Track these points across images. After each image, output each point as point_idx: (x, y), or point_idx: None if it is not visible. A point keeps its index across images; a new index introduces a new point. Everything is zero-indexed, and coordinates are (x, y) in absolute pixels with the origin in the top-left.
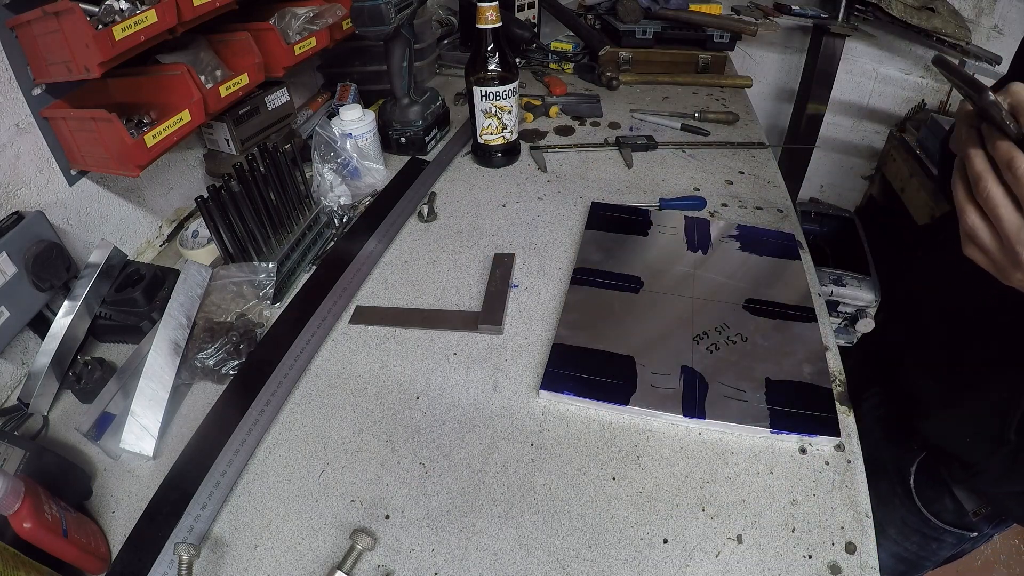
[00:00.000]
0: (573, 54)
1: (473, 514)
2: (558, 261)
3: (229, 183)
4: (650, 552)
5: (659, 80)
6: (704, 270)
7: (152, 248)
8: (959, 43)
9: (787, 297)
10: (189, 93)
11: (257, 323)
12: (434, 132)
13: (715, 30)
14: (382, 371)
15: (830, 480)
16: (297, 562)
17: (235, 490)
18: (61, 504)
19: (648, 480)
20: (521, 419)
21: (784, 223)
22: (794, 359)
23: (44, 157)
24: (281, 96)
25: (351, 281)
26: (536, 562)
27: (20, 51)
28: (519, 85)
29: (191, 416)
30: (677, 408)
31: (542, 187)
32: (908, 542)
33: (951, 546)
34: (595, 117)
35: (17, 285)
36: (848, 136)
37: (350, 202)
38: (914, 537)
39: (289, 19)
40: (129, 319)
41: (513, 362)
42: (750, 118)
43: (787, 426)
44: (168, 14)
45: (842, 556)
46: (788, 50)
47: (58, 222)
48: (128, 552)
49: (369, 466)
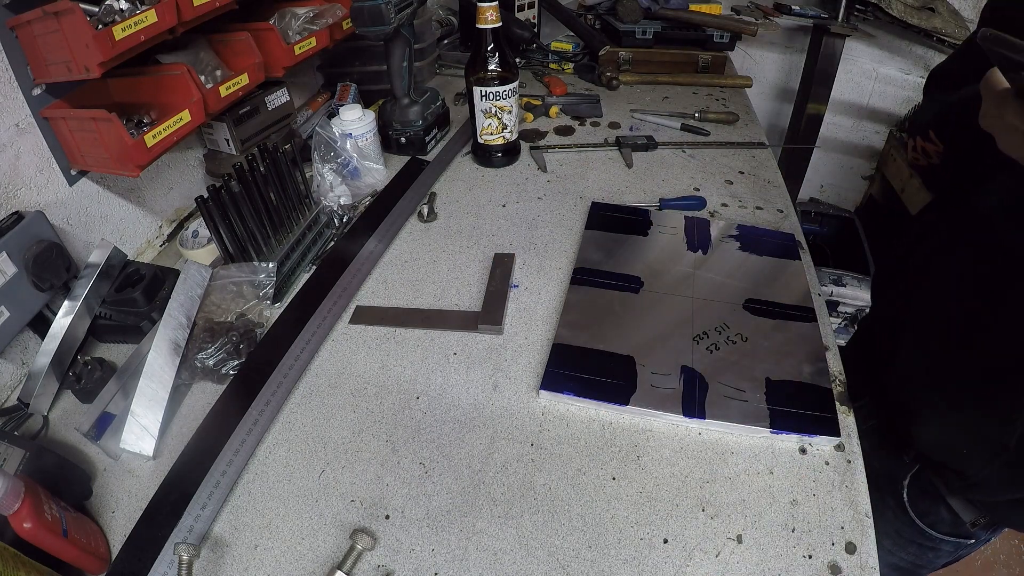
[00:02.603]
0: (573, 54)
1: (473, 514)
2: (558, 261)
3: (229, 183)
4: (650, 552)
5: (659, 80)
6: (704, 270)
7: (152, 248)
8: (959, 43)
9: (787, 297)
10: (189, 93)
11: (257, 323)
12: (434, 132)
13: (715, 30)
14: (382, 371)
15: (830, 480)
16: (297, 562)
17: (235, 490)
18: (61, 504)
19: (648, 480)
20: (521, 419)
21: (784, 223)
22: (794, 359)
23: (44, 157)
24: (281, 96)
25: (351, 281)
26: (536, 562)
27: (20, 51)
28: (519, 85)
29: (191, 416)
30: (677, 408)
31: (542, 187)
32: (904, 552)
33: (948, 554)
34: (595, 117)
35: (17, 285)
36: (848, 136)
37: (350, 202)
38: (910, 547)
39: (289, 19)
40: (129, 319)
41: (513, 362)
42: (750, 118)
43: (787, 426)
44: (168, 14)
45: (842, 556)
46: (788, 50)
47: (58, 222)
48: (128, 552)
49: (369, 466)
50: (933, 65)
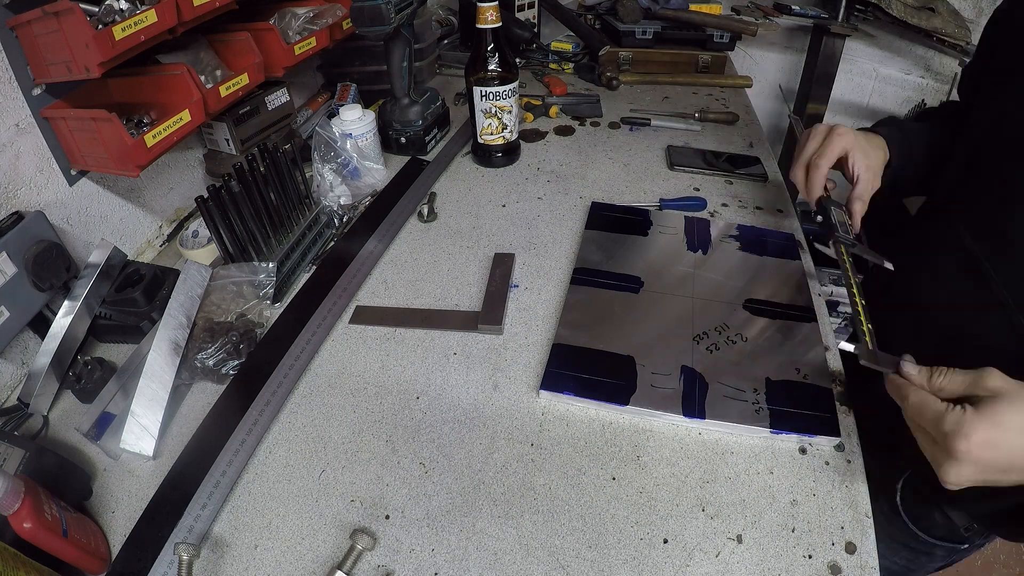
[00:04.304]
0: (573, 54)
1: (473, 514)
2: (558, 261)
3: (229, 183)
4: (650, 552)
5: (659, 80)
6: (704, 270)
7: (152, 248)
8: (959, 43)
9: (787, 297)
10: (189, 93)
11: (257, 323)
12: (434, 132)
13: (715, 30)
14: (382, 371)
15: (830, 480)
16: (297, 562)
17: (235, 490)
18: (61, 504)
19: (648, 480)
20: (521, 419)
21: (784, 223)
22: (794, 359)
23: (44, 157)
24: (281, 96)
25: (351, 281)
26: (536, 562)
27: (20, 51)
28: (519, 85)
29: (191, 416)
30: (677, 408)
31: (542, 187)
32: (897, 556)
33: (941, 559)
34: (595, 117)
35: (17, 285)
36: None
37: (350, 202)
38: (903, 552)
39: (289, 19)
40: (129, 319)
41: (513, 362)
42: (750, 118)
43: (787, 426)
44: (168, 14)
45: (842, 556)
46: (788, 50)
47: (58, 222)
48: (128, 552)
49: (369, 466)
50: (933, 65)
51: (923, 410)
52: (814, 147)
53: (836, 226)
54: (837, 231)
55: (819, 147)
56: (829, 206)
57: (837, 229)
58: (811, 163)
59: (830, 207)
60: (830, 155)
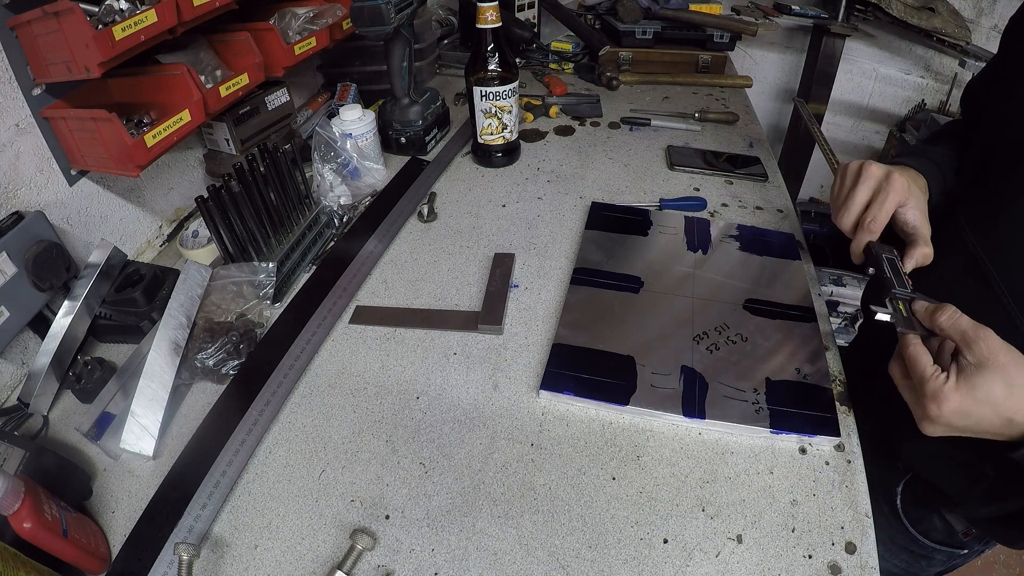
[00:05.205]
0: (573, 54)
1: (473, 514)
2: (558, 261)
3: (229, 183)
4: (650, 552)
5: (659, 80)
6: (704, 270)
7: (152, 248)
8: (959, 43)
9: (787, 297)
10: (189, 93)
11: (257, 323)
12: (434, 132)
13: (715, 30)
14: (382, 371)
15: (830, 480)
16: (297, 562)
17: (235, 490)
18: (61, 504)
19: (648, 480)
20: (521, 419)
21: (784, 223)
22: (794, 359)
23: (44, 157)
24: (281, 96)
25: (351, 281)
26: (536, 562)
27: (20, 51)
28: (519, 85)
29: (191, 416)
30: (677, 408)
31: (542, 187)
32: (897, 559)
33: (941, 563)
34: (595, 117)
35: (17, 285)
36: (848, 136)
37: (350, 202)
38: (903, 555)
39: (289, 19)
40: (129, 319)
41: (513, 362)
42: (750, 118)
43: (787, 426)
44: (168, 14)
45: (842, 556)
46: (788, 50)
47: (58, 222)
48: (128, 552)
49: (369, 466)
50: (933, 65)
51: (914, 365)
52: (864, 198)
53: (891, 280)
54: (894, 286)
55: (870, 198)
56: (881, 254)
57: (894, 284)
58: (865, 226)
59: (882, 256)
60: (886, 214)
